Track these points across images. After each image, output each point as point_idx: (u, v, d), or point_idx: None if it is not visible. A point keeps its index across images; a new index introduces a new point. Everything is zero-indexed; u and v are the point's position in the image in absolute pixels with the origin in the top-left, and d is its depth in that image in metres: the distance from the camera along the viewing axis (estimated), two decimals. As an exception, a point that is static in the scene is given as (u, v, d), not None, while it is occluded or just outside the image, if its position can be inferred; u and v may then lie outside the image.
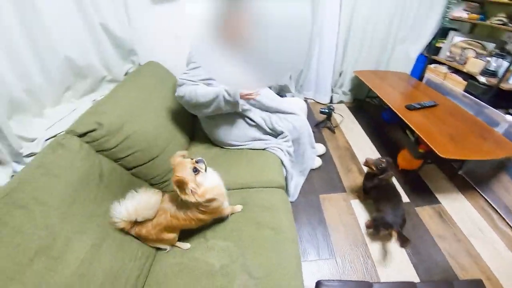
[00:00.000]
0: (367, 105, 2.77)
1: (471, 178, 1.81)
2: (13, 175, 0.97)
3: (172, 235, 1.03)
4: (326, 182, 1.81)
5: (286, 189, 1.66)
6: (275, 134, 1.61)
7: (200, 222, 1.05)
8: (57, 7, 1.33)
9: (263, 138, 1.60)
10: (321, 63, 2.58)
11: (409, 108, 1.81)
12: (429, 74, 2.32)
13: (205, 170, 0.99)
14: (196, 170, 0.93)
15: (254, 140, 1.59)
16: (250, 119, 1.56)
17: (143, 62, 1.84)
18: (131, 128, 1.27)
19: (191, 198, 0.90)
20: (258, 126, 1.59)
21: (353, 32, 2.41)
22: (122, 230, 0.99)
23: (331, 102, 2.81)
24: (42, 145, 1.12)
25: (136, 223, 0.99)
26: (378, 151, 2.08)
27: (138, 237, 1.02)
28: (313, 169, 1.90)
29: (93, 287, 0.83)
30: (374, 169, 1.44)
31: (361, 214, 1.58)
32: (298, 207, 1.63)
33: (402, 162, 1.80)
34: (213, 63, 0.91)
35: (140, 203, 0.95)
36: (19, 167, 0.99)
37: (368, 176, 1.57)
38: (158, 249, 1.09)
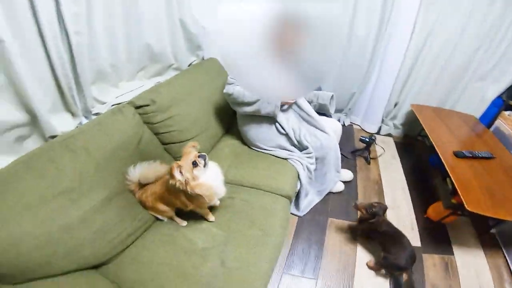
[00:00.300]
0: (416, 144, 2.49)
1: (502, 238, 1.58)
2: (77, 126, 1.23)
3: (165, 208, 1.14)
4: (341, 208, 1.74)
5: (297, 202, 1.68)
6: (301, 147, 1.64)
7: (183, 205, 1.12)
8: (152, 2, 1.58)
9: (288, 148, 1.64)
10: (377, 89, 2.42)
11: (458, 155, 1.60)
12: (500, 122, 1.97)
13: (204, 166, 1.04)
14: (195, 164, 1.01)
15: (279, 148, 1.65)
16: (282, 127, 1.63)
17: (206, 57, 2.07)
18: (176, 110, 1.48)
19: (181, 186, 0.97)
20: (286, 136, 1.64)
21: (422, 60, 2.16)
22: (131, 193, 1.14)
23: (378, 132, 2.60)
24: (108, 108, 1.40)
25: (140, 187, 1.14)
26: (410, 194, 1.88)
27: (139, 202, 1.16)
28: (332, 192, 1.85)
29: (87, 232, 0.94)
30: (364, 212, 1.36)
31: (364, 248, 1.50)
32: (304, 223, 1.62)
33: (431, 212, 1.62)
34: (251, 76, 0.88)
35: (144, 169, 1.11)
36: (85, 121, 1.27)
37: (361, 221, 1.47)
38: (158, 219, 1.21)
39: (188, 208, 1.12)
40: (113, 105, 1.43)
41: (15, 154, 0.94)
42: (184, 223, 1.19)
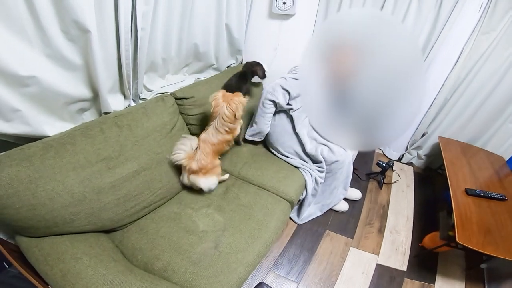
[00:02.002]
0: (436, 177, 2.34)
1: (488, 274, 1.54)
2: (126, 107, 1.40)
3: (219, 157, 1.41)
4: (340, 223, 1.76)
5: (299, 210, 1.72)
6: (315, 160, 1.66)
7: (222, 144, 1.37)
8: (204, 6, 1.69)
9: (303, 157, 1.68)
10: (406, 116, 2.35)
11: (469, 192, 1.54)
12: (528, 168, 1.81)
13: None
14: None
15: (295, 156, 1.69)
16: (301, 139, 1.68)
17: (244, 62, 2.19)
18: (209, 108, 1.60)
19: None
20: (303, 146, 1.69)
21: (461, 93, 2.01)
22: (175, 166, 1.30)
23: (399, 160, 2.48)
24: (153, 96, 1.58)
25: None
26: (413, 224, 1.83)
27: (196, 172, 1.30)
28: (334, 210, 1.83)
29: (112, 197, 1.05)
30: None
31: (351, 263, 1.52)
32: (301, 229, 1.67)
33: (427, 241, 1.58)
34: (311, 94, 0.76)
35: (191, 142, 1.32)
36: (132, 104, 1.45)
37: None
38: (173, 198, 1.33)
39: (231, 138, 1.42)
40: (158, 93, 1.60)
41: (74, 123, 1.14)
42: (227, 175, 1.48)
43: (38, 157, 0.92)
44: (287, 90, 1.56)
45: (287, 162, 1.70)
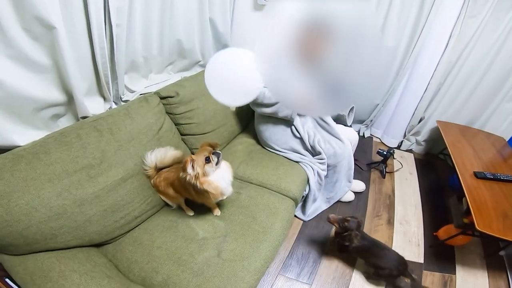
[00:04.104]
0: (437, 163, 2.34)
1: (509, 261, 1.52)
2: (107, 110, 1.30)
3: (175, 194, 1.17)
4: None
5: (304, 207, 1.67)
6: (313, 153, 1.63)
7: (191, 196, 1.14)
8: (185, 0, 1.62)
9: (300, 152, 1.64)
10: (402, 103, 2.32)
11: (478, 175, 1.52)
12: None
13: (216, 164, 1.04)
14: (208, 159, 1.02)
15: (292, 151, 1.65)
16: (297, 130, 1.63)
17: (232, 57, 2.14)
18: (197, 104, 1.54)
19: (191, 180, 0.99)
20: (300, 140, 1.64)
21: (454, 75, 2.04)
22: (148, 178, 1.19)
23: (398, 147, 2.47)
24: (136, 97, 1.49)
25: (157, 172, 1.19)
26: (422, 212, 1.80)
27: (154, 186, 1.20)
28: (341, 201, 1.81)
29: (97, 209, 0.98)
30: (337, 226, 1.29)
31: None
32: (308, 227, 1.61)
33: (442, 233, 1.55)
34: (278, 79, 0.83)
35: (161, 153, 1.17)
36: (114, 106, 1.35)
37: (336, 235, 1.38)
38: (167, 205, 1.25)
39: (199, 201, 1.15)
40: (141, 94, 1.52)
41: (49, 131, 1.05)
42: (191, 212, 1.22)
43: (8, 170, 0.84)
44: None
45: (285, 157, 1.65)
